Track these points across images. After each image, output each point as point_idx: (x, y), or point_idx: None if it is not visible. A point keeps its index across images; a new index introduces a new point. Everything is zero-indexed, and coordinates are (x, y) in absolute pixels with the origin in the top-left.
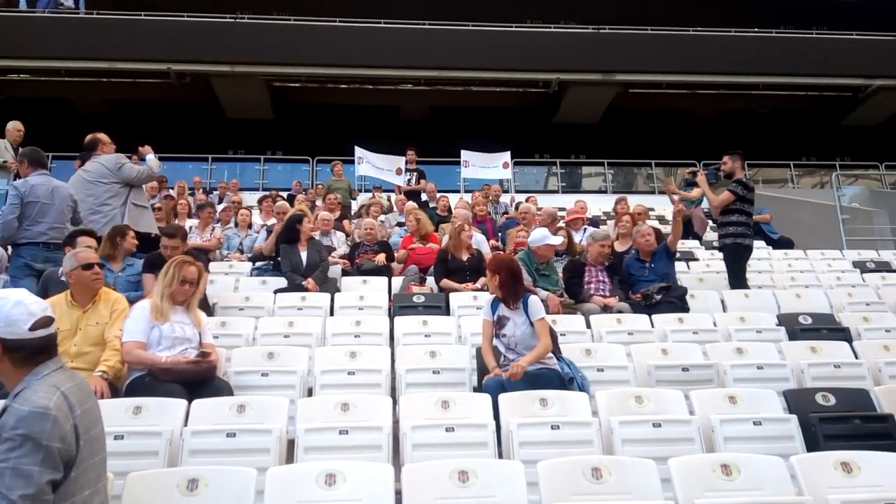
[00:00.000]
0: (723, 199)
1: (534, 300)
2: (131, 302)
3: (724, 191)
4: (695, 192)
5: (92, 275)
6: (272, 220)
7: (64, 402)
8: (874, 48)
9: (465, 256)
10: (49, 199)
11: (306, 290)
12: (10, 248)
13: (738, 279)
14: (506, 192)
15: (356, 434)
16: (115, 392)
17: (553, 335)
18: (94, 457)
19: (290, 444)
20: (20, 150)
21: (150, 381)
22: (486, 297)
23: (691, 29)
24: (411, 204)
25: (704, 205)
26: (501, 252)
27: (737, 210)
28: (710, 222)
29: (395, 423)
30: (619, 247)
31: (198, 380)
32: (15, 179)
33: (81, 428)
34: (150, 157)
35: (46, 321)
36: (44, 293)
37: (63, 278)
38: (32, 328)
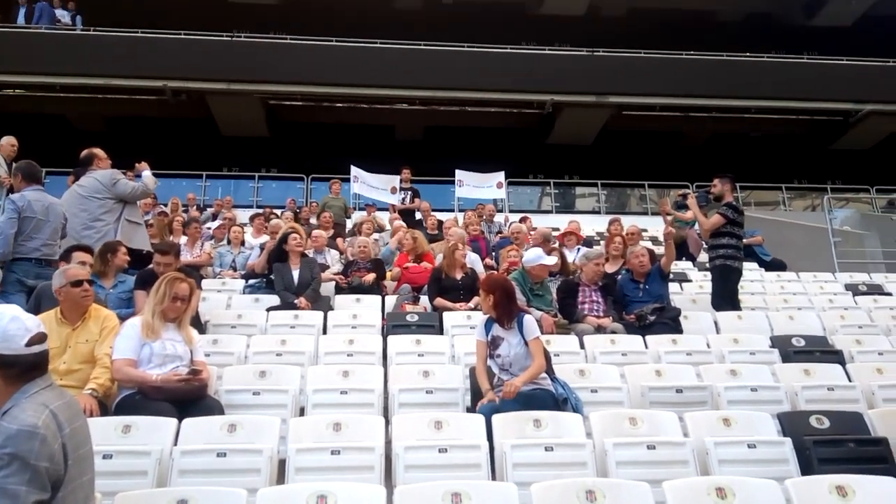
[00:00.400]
0: (713, 223)
1: (528, 319)
2: (122, 319)
3: (714, 214)
4: (689, 214)
5: (81, 292)
6: (264, 238)
7: (52, 421)
8: (865, 73)
9: (459, 275)
10: (44, 215)
11: (299, 308)
12: None
13: (722, 300)
14: (500, 211)
15: (348, 454)
16: (104, 410)
17: (546, 356)
18: (82, 477)
19: (282, 464)
20: (14, 165)
21: (140, 399)
22: (479, 317)
23: (684, 52)
24: (399, 223)
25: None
26: (495, 272)
27: (727, 233)
28: (705, 244)
29: (388, 443)
30: (609, 268)
31: (188, 398)
32: (8, 194)
33: (70, 447)
34: (146, 175)
35: (41, 337)
36: (36, 308)
37: None
38: (28, 344)
